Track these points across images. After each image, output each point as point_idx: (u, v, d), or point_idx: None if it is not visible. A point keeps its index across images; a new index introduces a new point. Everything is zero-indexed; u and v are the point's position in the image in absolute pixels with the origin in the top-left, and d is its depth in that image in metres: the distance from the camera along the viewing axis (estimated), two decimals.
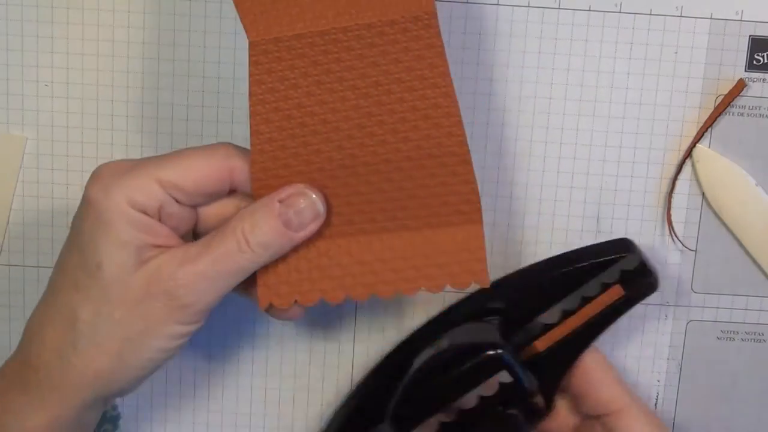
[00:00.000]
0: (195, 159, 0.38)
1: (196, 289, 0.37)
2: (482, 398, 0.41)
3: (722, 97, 0.45)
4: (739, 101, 0.45)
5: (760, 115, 0.45)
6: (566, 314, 0.42)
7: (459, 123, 0.38)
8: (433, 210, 0.38)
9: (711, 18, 0.44)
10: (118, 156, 0.45)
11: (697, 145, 0.45)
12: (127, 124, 0.45)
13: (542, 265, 0.44)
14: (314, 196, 0.38)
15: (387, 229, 0.39)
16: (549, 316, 0.43)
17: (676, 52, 0.44)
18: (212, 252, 0.37)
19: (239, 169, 0.38)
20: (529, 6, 0.44)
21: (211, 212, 0.40)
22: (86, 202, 0.37)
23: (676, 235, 0.46)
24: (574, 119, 0.45)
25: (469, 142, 0.45)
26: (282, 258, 0.38)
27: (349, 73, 0.37)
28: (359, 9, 0.37)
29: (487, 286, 0.39)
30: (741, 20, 0.44)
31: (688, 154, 0.45)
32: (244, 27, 0.37)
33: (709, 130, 0.45)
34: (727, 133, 0.45)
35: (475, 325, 0.43)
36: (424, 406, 0.41)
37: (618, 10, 0.44)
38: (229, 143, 0.39)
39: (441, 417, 0.42)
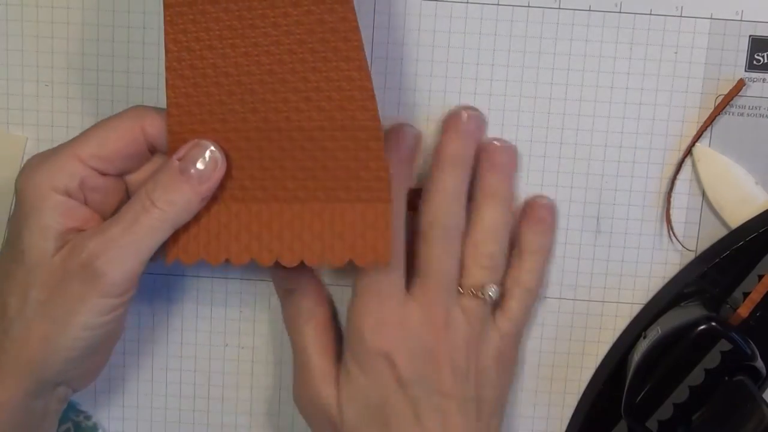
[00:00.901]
0: (108, 125, 0.40)
1: (110, 257, 0.37)
2: (708, 371, 0.42)
3: (722, 97, 0.44)
4: (739, 101, 0.45)
5: (760, 115, 0.45)
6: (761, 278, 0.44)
7: (372, 98, 0.39)
8: (343, 183, 0.39)
9: (711, 18, 0.44)
10: None
11: (696, 144, 0.45)
12: None
13: (723, 242, 0.45)
14: (212, 147, 0.39)
15: (298, 198, 0.39)
16: (747, 284, 0.44)
17: (676, 52, 0.44)
18: (121, 218, 0.38)
19: (154, 126, 0.40)
20: (529, 6, 0.44)
21: (139, 179, 0.41)
22: (15, 194, 0.39)
23: (675, 235, 0.46)
24: (574, 119, 0.45)
25: None
26: (194, 217, 0.39)
27: (264, 39, 0.38)
28: None
29: (387, 265, 0.39)
30: (741, 20, 0.44)
31: (688, 153, 0.45)
32: None
33: (709, 130, 0.45)
34: (727, 133, 0.45)
35: (678, 310, 0.45)
36: (654, 395, 0.42)
37: (618, 10, 0.44)
38: (142, 105, 0.41)
39: (673, 399, 0.42)
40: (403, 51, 0.45)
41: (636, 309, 0.46)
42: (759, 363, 0.42)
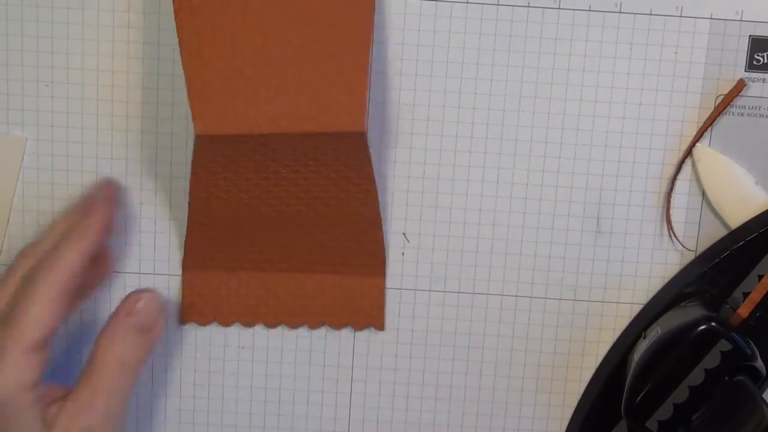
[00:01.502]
0: (36, 304, 0.40)
1: (108, 427, 0.40)
2: (708, 371, 0.42)
3: (722, 97, 0.45)
4: (739, 101, 0.45)
5: (760, 115, 0.45)
6: (761, 277, 0.44)
7: (375, 196, 0.43)
8: (344, 260, 0.44)
9: (711, 18, 0.44)
10: (118, 155, 0.45)
11: (697, 144, 0.45)
12: (127, 124, 0.45)
13: (723, 242, 0.45)
14: (149, 295, 0.42)
15: (301, 270, 0.44)
16: (747, 284, 0.44)
17: (676, 52, 0.44)
18: (102, 390, 0.40)
19: (72, 276, 0.41)
20: (529, 6, 0.44)
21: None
22: None
23: (675, 235, 0.46)
24: (574, 119, 0.45)
25: (469, 143, 0.45)
26: (207, 283, 0.44)
27: (284, 169, 0.41)
28: (299, 119, 0.40)
29: (382, 329, 0.45)
30: (741, 20, 0.44)
31: (688, 153, 0.45)
32: (193, 121, 0.41)
33: (709, 130, 0.45)
34: (727, 133, 0.45)
35: (678, 310, 0.45)
36: (654, 395, 0.43)
37: (618, 10, 0.44)
38: (44, 259, 0.41)
39: (673, 399, 0.42)
40: (403, 51, 0.45)
41: (636, 309, 0.46)
42: (759, 363, 0.42)
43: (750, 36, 0.44)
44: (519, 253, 0.46)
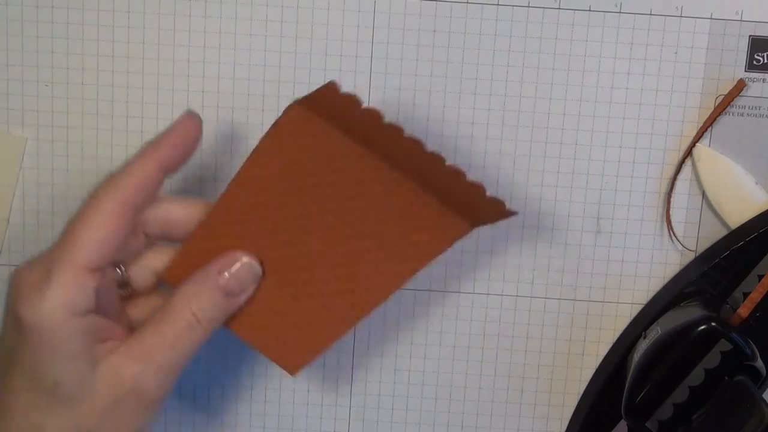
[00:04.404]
0: (95, 220, 0.36)
1: (160, 380, 0.37)
2: (708, 371, 0.42)
3: (722, 97, 0.45)
4: (739, 101, 0.45)
5: (760, 115, 0.45)
6: (761, 277, 0.44)
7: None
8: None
9: (711, 18, 0.44)
10: (118, 155, 0.45)
11: (697, 144, 0.45)
12: (127, 124, 0.45)
13: (723, 242, 0.45)
14: (249, 260, 0.38)
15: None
16: (747, 284, 0.44)
17: (676, 52, 0.44)
18: (166, 339, 0.37)
19: (137, 189, 0.37)
20: (529, 6, 0.44)
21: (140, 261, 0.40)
22: (18, 323, 0.35)
23: (675, 235, 0.46)
24: (574, 119, 0.45)
25: (469, 143, 0.45)
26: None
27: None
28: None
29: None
30: (741, 20, 0.44)
31: (688, 153, 0.45)
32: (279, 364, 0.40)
33: (709, 130, 0.45)
34: (727, 133, 0.45)
35: (678, 310, 0.45)
36: (654, 395, 0.43)
37: (618, 11, 0.44)
38: (110, 178, 0.38)
39: (673, 399, 0.43)
40: (403, 51, 0.45)
41: (636, 309, 0.46)
42: (759, 363, 0.42)
43: (750, 36, 0.44)
44: (519, 253, 0.46)
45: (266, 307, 0.39)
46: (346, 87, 0.45)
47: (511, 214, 0.37)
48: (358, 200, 0.38)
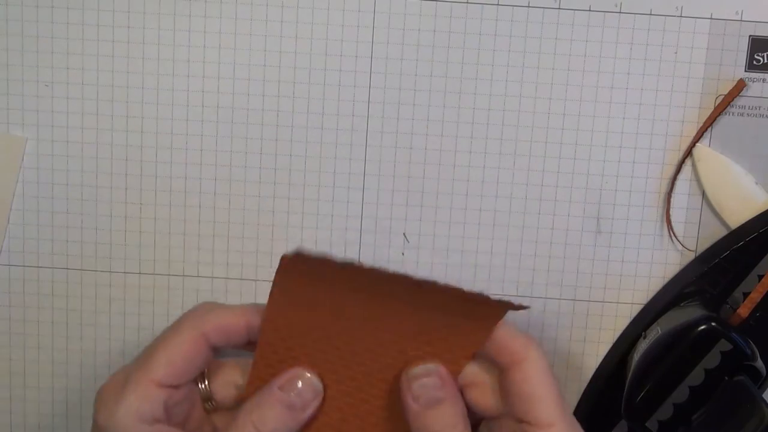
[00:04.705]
0: (171, 344, 0.39)
1: None
2: (708, 371, 0.42)
3: (722, 97, 0.45)
4: (739, 101, 0.45)
5: (760, 115, 0.45)
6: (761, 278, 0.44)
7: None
8: None
9: (711, 18, 0.44)
10: (118, 155, 0.45)
11: (697, 144, 0.45)
12: (127, 124, 0.45)
13: (723, 242, 0.45)
14: (310, 375, 0.39)
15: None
16: (747, 284, 0.44)
17: (676, 52, 0.44)
18: None
19: (215, 333, 0.39)
20: (529, 6, 0.44)
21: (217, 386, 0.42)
22: (96, 427, 0.39)
23: (675, 236, 0.46)
24: (574, 119, 0.45)
25: (469, 143, 0.45)
26: None
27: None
28: None
29: None
30: (741, 20, 0.44)
31: (688, 153, 0.45)
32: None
33: (709, 130, 0.45)
34: (727, 133, 0.45)
35: (678, 310, 0.45)
36: (654, 395, 0.43)
37: (618, 11, 0.44)
38: (198, 310, 0.40)
39: (673, 399, 0.43)
40: (403, 51, 0.45)
41: (636, 309, 0.46)
42: (759, 363, 0.43)
43: (750, 36, 0.44)
44: (519, 253, 0.46)
45: (326, 422, 0.40)
46: (346, 87, 0.45)
47: (521, 307, 0.37)
48: (392, 316, 0.39)
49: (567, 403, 0.38)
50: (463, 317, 0.37)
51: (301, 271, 0.38)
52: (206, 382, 0.41)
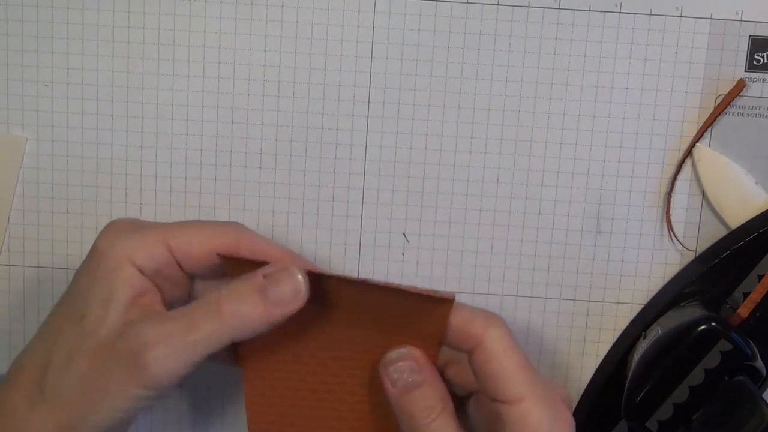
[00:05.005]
0: (206, 227, 0.39)
1: (160, 353, 0.36)
2: (708, 371, 0.42)
3: (722, 97, 0.45)
4: (739, 101, 0.45)
5: (760, 115, 0.45)
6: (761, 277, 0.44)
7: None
8: None
9: (711, 18, 0.44)
10: (118, 155, 0.45)
11: (697, 144, 0.45)
12: (127, 124, 0.45)
13: (723, 242, 0.45)
14: (299, 275, 0.37)
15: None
16: (747, 284, 0.44)
17: (676, 52, 0.44)
18: (183, 316, 0.36)
19: (247, 250, 0.39)
20: (529, 6, 0.44)
21: (205, 287, 0.41)
22: (92, 251, 0.38)
23: (675, 235, 0.46)
24: (574, 119, 0.45)
25: (469, 143, 0.45)
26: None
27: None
28: None
29: None
30: (741, 20, 0.44)
31: (688, 153, 0.45)
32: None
33: (709, 130, 0.45)
34: (727, 134, 0.45)
35: (678, 310, 0.45)
36: (654, 395, 0.43)
37: (618, 11, 0.44)
38: (239, 223, 0.41)
39: (673, 399, 0.42)
40: (403, 51, 0.45)
41: (636, 309, 0.46)
42: (759, 363, 0.43)
43: (750, 36, 0.44)
44: (519, 253, 0.46)
45: (285, 410, 0.40)
46: (346, 87, 0.45)
47: (449, 300, 0.38)
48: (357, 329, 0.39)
49: (537, 374, 0.38)
50: (421, 308, 0.38)
51: None
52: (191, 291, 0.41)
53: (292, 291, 0.37)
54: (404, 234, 0.46)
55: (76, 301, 0.38)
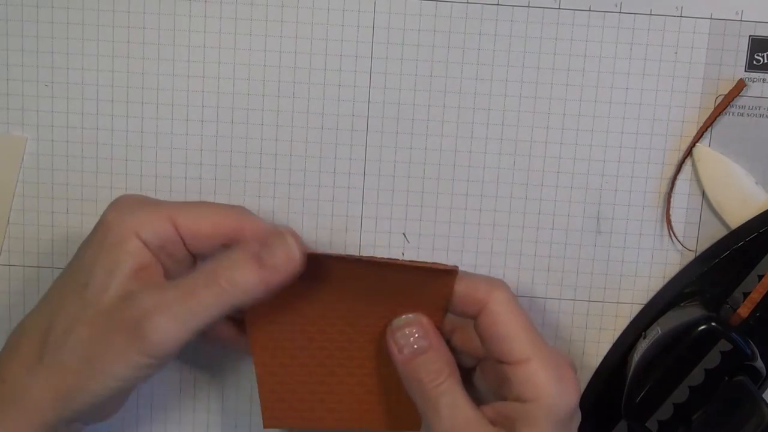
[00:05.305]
0: (213, 209, 0.40)
1: (159, 321, 0.36)
2: (708, 371, 0.42)
3: (722, 97, 0.45)
4: (739, 101, 0.45)
5: (760, 115, 0.45)
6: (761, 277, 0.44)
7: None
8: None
9: (711, 18, 0.44)
10: (118, 155, 0.45)
11: (697, 144, 0.45)
12: (127, 124, 0.45)
13: (723, 243, 0.45)
14: (291, 240, 0.38)
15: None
16: (747, 284, 0.44)
17: (676, 52, 0.44)
18: (181, 285, 0.37)
19: (252, 233, 0.39)
20: (529, 6, 0.44)
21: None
22: (99, 223, 0.39)
23: (675, 236, 0.46)
24: (574, 119, 0.45)
25: (469, 143, 0.45)
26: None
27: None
28: (362, 419, 0.43)
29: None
30: (741, 20, 0.44)
31: (688, 153, 0.45)
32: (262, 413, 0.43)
33: (709, 130, 0.45)
34: (727, 134, 0.45)
35: (678, 310, 0.45)
36: (654, 395, 0.43)
37: (618, 10, 0.44)
38: (244, 207, 0.42)
39: (673, 399, 0.43)
40: (403, 51, 0.45)
41: (636, 309, 0.46)
42: (759, 363, 0.43)
43: (750, 36, 0.44)
44: (519, 253, 0.46)
45: (291, 372, 0.41)
46: (346, 87, 0.45)
47: (452, 271, 0.39)
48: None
49: (542, 337, 0.39)
50: (426, 280, 0.39)
51: None
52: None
53: (286, 255, 0.37)
54: (404, 234, 0.46)
55: (80, 271, 0.38)
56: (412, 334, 0.39)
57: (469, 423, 0.38)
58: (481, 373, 0.42)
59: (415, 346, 0.39)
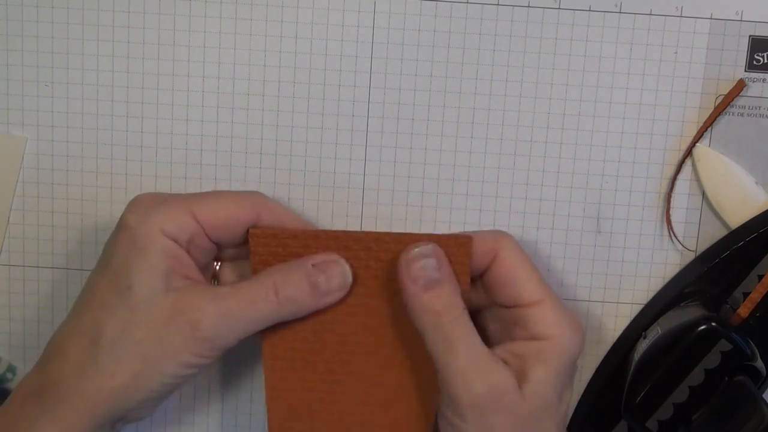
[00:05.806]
0: (229, 198, 0.41)
1: (219, 325, 0.38)
2: (708, 371, 0.42)
3: (722, 97, 0.45)
4: (739, 101, 0.45)
5: (760, 115, 0.45)
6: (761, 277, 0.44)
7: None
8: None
9: (711, 18, 0.44)
10: (118, 155, 0.45)
11: (697, 144, 0.45)
12: (127, 124, 0.45)
13: (723, 243, 0.45)
14: (346, 267, 0.40)
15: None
16: (747, 284, 0.44)
17: (676, 52, 0.44)
18: (242, 295, 0.39)
19: (266, 217, 0.41)
20: (529, 6, 0.44)
21: (229, 254, 0.43)
22: (122, 227, 0.39)
23: (675, 235, 0.46)
24: (574, 119, 0.45)
25: (469, 143, 0.45)
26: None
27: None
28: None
29: None
30: (741, 20, 0.44)
31: (688, 153, 0.45)
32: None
33: (709, 130, 0.45)
34: (727, 134, 0.45)
35: (678, 310, 0.45)
36: (654, 395, 0.43)
37: (618, 11, 0.44)
38: (259, 192, 0.43)
39: (673, 399, 0.43)
40: (403, 51, 0.45)
41: (636, 309, 0.46)
42: (759, 363, 0.43)
43: (750, 36, 0.44)
44: None
45: (305, 396, 0.42)
46: (346, 87, 0.45)
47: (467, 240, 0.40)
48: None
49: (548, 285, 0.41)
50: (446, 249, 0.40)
51: (273, 252, 0.41)
52: (218, 265, 0.43)
53: (340, 282, 0.40)
54: None
55: (117, 275, 0.39)
56: (428, 266, 0.39)
57: (485, 359, 0.38)
58: (484, 322, 0.43)
59: (432, 277, 0.39)
